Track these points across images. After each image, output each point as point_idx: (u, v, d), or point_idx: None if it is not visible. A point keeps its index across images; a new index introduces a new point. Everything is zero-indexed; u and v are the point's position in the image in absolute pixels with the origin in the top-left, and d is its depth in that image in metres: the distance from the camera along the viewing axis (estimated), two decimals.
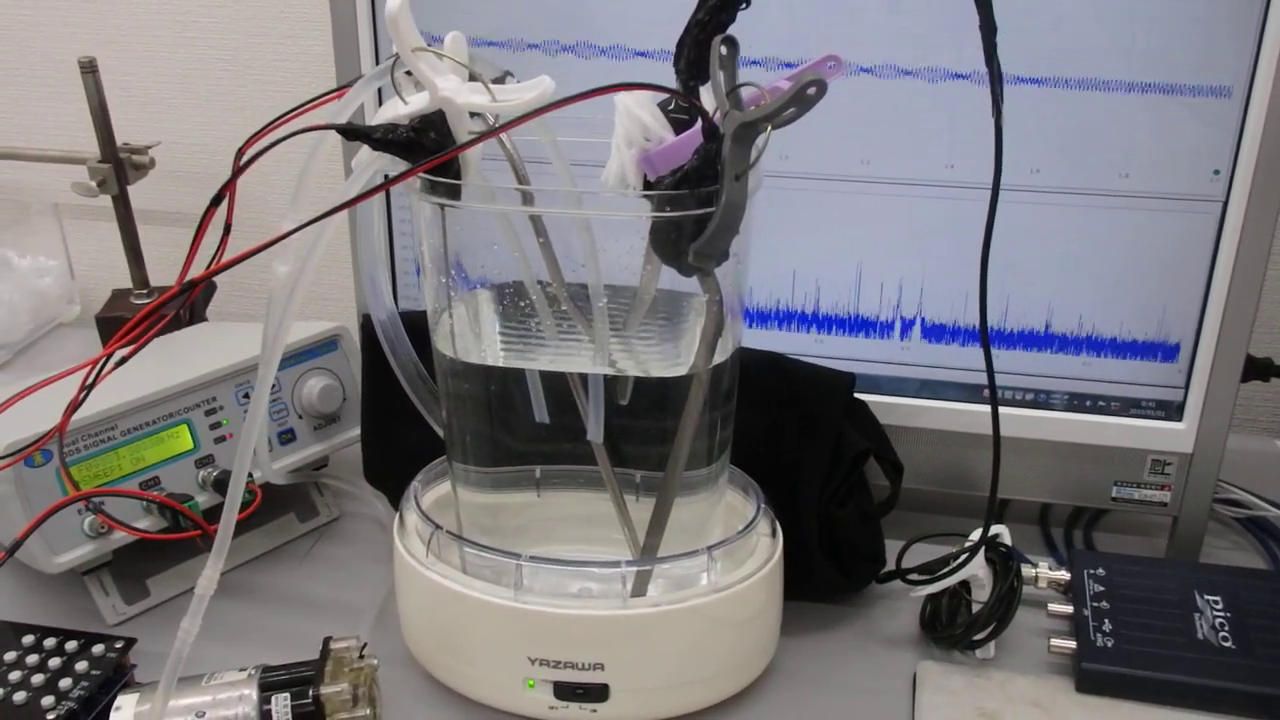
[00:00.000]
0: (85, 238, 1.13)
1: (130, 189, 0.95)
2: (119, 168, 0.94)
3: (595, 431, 0.59)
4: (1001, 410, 0.61)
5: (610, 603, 0.57)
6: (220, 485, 0.68)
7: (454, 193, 0.53)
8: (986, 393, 0.72)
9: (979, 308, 0.56)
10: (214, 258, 0.55)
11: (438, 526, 0.60)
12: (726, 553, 0.59)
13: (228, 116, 1.05)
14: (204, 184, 1.06)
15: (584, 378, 0.59)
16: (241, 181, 0.55)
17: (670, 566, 0.58)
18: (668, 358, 0.59)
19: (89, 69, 0.90)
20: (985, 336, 0.58)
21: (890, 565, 0.69)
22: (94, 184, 0.94)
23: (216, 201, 0.50)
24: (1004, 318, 0.71)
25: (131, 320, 0.50)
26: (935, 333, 0.72)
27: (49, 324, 1.10)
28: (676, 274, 0.53)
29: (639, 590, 0.58)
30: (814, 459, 0.65)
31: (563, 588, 0.59)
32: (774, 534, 0.63)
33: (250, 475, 0.67)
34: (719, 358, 0.56)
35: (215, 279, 1.01)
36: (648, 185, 0.51)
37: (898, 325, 0.72)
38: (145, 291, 0.98)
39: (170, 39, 1.03)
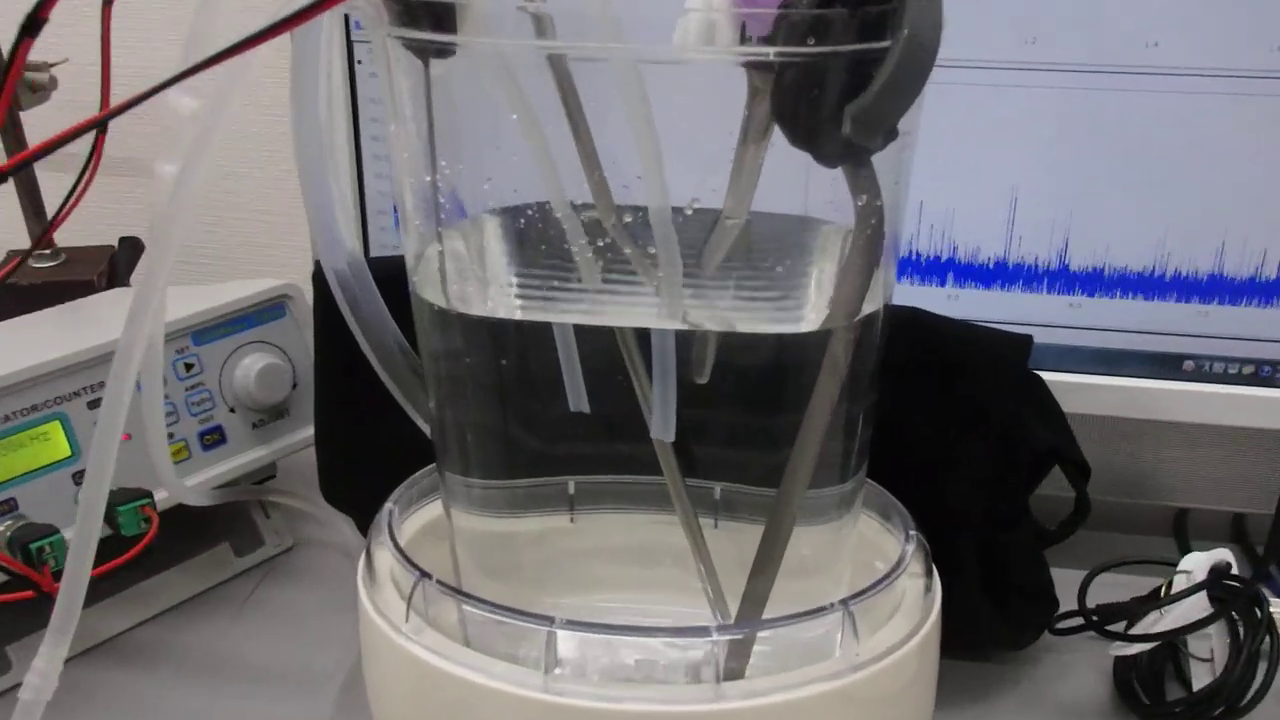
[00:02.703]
0: None
1: (24, 116, 0.76)
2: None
3: (662, 426, 0.41)
4: (1203, 389, 0.53)
5: (694, 692, 0.38)
6: (111, 511, 0.48)
7: (446, 27, 0.33)
8: (1190, 364, 0.54)
9: None
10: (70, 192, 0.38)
11: (423, 574, 0.41)
12: (866, 607, 0.40)
13: (161, 32, 0.86)
14: (128, 116, 0.87)
15: (643, 342, 0.40)
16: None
17: (787, 631, 0.38)
18: (778, 307, 0.39)
19: None
20: None
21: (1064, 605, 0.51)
22: None
23: (30, 29, 0.29)
24: (1200, 259, 0.53)
25: None
26: (1118, 284, 0.54)
27: None
28: (779, 193, 0.35)
29: (735, 669, 0.39)
30: (976, 460, 0.47)
31: (615, 665, 0.39)
32: (928, 574, 0.43)
33: (147, 496, 0.48)
34: (868, 307, 0.36)
35: (140, 237, 0.81)
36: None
37: (1066, 273, 0.55)
38: (49, 253, 0.78)
39: None
